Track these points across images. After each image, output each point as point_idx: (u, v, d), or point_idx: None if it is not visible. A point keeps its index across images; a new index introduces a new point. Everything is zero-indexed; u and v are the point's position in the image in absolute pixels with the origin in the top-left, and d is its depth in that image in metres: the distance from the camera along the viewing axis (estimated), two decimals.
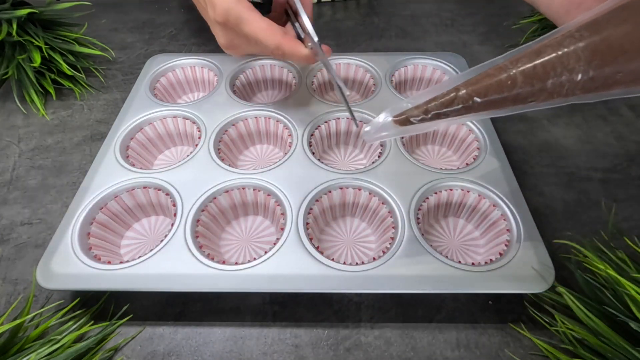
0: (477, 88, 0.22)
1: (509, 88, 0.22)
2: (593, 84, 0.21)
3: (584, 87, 0.22)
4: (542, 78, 0.21)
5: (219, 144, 0.43)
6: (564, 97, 0.22)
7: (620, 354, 0.27)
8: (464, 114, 0.23)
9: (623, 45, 0.21)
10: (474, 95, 0.22)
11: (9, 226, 0.41)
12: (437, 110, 0.23)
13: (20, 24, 0.49)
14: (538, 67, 0.21)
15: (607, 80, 0.21)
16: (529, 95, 0.22)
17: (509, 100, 0.22)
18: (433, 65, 0.51)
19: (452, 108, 0.23)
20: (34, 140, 0.49)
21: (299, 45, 0.34)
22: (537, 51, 0.22)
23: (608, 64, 0.21)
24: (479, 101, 0.22)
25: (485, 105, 0.22)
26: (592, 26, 0.21)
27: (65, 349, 0.31)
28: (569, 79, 0.21)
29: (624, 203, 0.42)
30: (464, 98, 0.22)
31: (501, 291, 0.32)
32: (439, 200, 0.39)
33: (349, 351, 0.33)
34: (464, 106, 0.22)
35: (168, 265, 0.33)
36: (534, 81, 0.21)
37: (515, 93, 0.22)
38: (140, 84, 0.49)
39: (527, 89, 0.22)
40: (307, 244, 0.34)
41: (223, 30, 0.36)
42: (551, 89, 0.22)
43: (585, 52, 0.21)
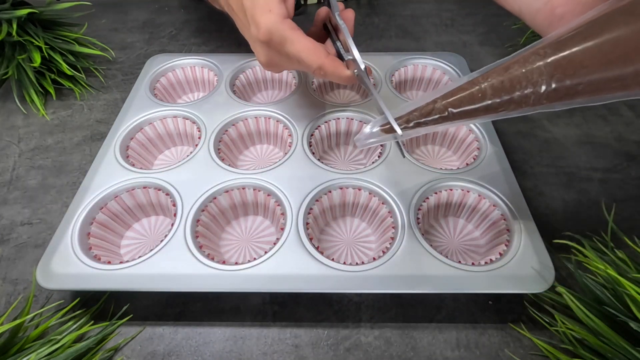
0: (451, 100, 0.25)
1: (479, 100, 0.25)
2: (557, 94, 0.24)
3: (549, 97, 0.24)
4: (509, 91, 0.24)
5: (219, 144, 0.43)
6: (531, 106, 0.25)
7: (620, 354, 0.27)
8: (441, 122, 0.26)
9: (583, 61, 0.23)
10: (448, 107, 0.25)
11: (9, 226, 0.41)
12: (417, 119, 0.26)
13: (20, 24, 0.49)
14: (505, 82, 0.24)
15: (570, 91, 0.24)
16: (498, 106, 0.25)
17: (481, 110, 0.25)
18: (433, 65, 0.51)
19: (430, 118, 0.26)
20: (34, 140, 0.49)
21: (341, 66, 0.34)
22: (506, 67, 0.25)
23: (569, 77, 0.24)
24: (453, 112, 0.25)
25: (460, 115, 0.25)
26: (555, 44, 0.24)
27: (65, 349, 0.31)
28: (533, 91, 0.24)
29: (624, 203, 0.42)
30: (440, 109, 0.26)
31: (501, 291, 0.32)
32: (439, 200, 0.39)
33: (349, 351, 0.33)
34: (440, 116, 0.26)
35: (168, 265, 0.33)
36: (502, 94, 0.24)
37: (485, 104, 0.25)
38: (140, 84, 0.49)
39: (496, 101, 0.25)
40: (307, 244, 0.34)
41: (265, 49, 0.35)
42: (518, 100, 0.24)
43: (548, 67, 0.23)
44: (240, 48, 0.62)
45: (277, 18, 0.33)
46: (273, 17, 0.33)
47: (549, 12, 0.29)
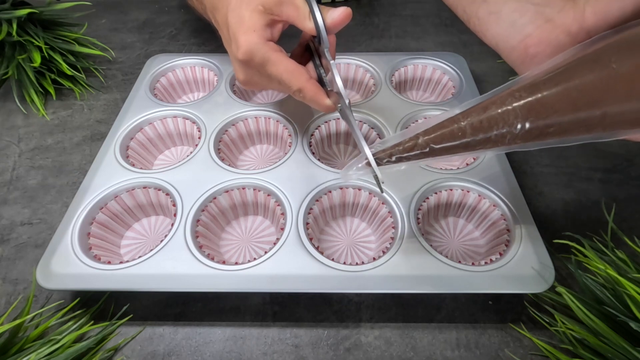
0: (433, 137, 0.27)
1: (459, 137, 0.26)
2: (530, 135, 0.25)
3: (523, 137, 0.26)
4: (486, 130, 0.26)
5: (219, 144, 0.43)
6: (506, 145, 0.26)
7: (620, 354, 0.27)
8: (423, 158, 0.27)
9: (554, 105, 0.25)
10: (430, 143, 0.27)
11: (9, 226, 0.41)
12: (399, 154, 0.27)
13: (20, 24, 0.49)
14: (484, 121, 0.26)
15: (542, 132, 0.25)
16: (476, 144, 0.26)
17: (460, 147, 0.26)
18: (433, 65, 0.51)
19: (412, 153, 0.27)
20: (34, 140, 0.49)
21: (321, 93, 0.34)
22: (484, 107, 0.26)
23: (541, 119, 0.25)
24: (434, 147, 0.27)
25: (440, 151, 0.27)
26: (530, 88, 0.25)
27: (65, 349, 0.31)
28: (509, 131, 0.25)
29: (624, 203, 0.42)
30: (422, 145, 0.27)
31: (501, 291, 0.32)
32: (439, 200, 0.39)
33: (349, 351, 0.33)
34: (422, 152, 0.27)
35: (168, 265, 0.33)
36: (480, 133, 0.26)
37: (465, 142, 0.26)
38: (140, 84, 0.49)
39: (474, 139, 0.26)
40: (307, 244, 0.34)
41: (244, 68, 0.35)
42: (495, 139, 0.26)
43: (523, 110, 0.25)
44: None
45: (259, 39, 0.33)
46: (255, 37, 0.33)
47: (523, 50, 0.31)
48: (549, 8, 0.30)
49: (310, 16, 0.32)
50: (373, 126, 0.44)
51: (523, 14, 0.31)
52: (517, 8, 0.32)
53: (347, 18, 0.33)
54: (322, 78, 0.36)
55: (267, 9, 0.33)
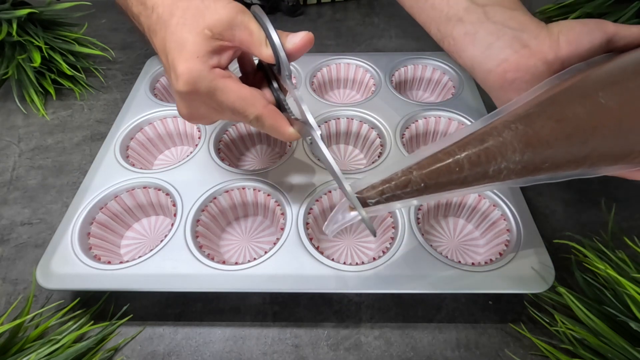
0: (428, 172, 0.24)
1: (456, 173, 0.24)
2: (525, 171, 0.25)
3: (518, 173, 0.25)
4: (484, 165, 0.24)
5: (219, 144, 0.43)
6: (501, 181, 0.25)
7: (620, 354, 0.27)
8: (416, 196, 0.25)
9: (549, 142, 0.25)
10: (425, 179, 0.24)
11: (9, 226, 0.41)
12: (391, 192, 0.25)
13: (20, 24, 0.49)
14: (482, 156, 0.24)
15: (536, 168, 0.25)
16: (473, 180, 0.25)
17: (457, 183, 0.25)
18: (433, 65, 0.51)
19: (405, 190, 0.24)
20: (34, 140, 0.49)
21: (282, 120, 0.30)
22: (480, 139, 0.25)
23: (537, 155, 0.25)
24: (430, 183, 0.24)
25: (435, 188, 0.25)
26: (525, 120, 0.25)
27: (65, 349, 0.31)
28: (506, 166, 0.25)
29: (624, 203, 0.42)
30: (417, 182, 0.24)
31: (501, 291, 0.32)
32: (439, 201, 0.39)
33: (349, 351, 0.33)
34: (416, 189, 0.24)
35: (168, 265, 0.33)
36: (478, 167, 0.24)
37: (462, 177, 0.24)
38: (140, 84, 0.49)
39: (472, 174, 0.24)
40: (307, 244, 0.34)
41: (187, 101, 0.29)
42: (492, 175, 0.25)
43: (520, 144, 0.24)
44: None
45: (203, 66, 0.27)
46: (199, 64, 0.27)
47: (501, 75, 0.31)
48: (525, 34, 0.30)
49: (266, 42, 0.28)
50: (373, 126, 0.44)
51: (499, 37, 0.31)
52: (493, 31, 0.31)
53: (309, 43, 0.29)
54: (281, 103, 0.31)
55: (216, 33, 0.28)
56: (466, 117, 0.44)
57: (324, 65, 0.51)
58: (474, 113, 0.45)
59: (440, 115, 0.45)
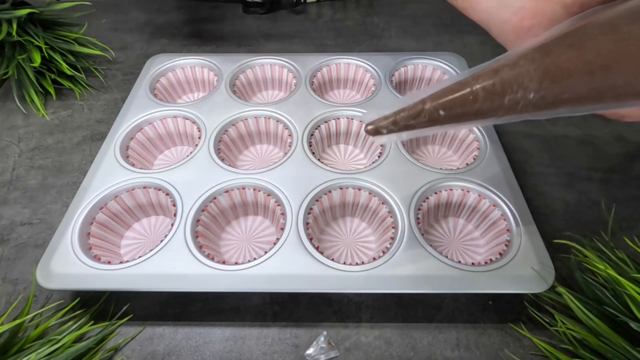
0: (442, 102, 0.24)
1: (471, 103, 0.24)
2: (543, 102, 0.24)
3: (536, 104, 0.24)
4: (500, 94, 0.24)
5: (219, 144, 0.43)
6: (518, 113, 0.24)
7: (620, 354, 0.27)
8: (429, 126, 0.25)
9: (569, 69, 0.23)
10: (439, 109, 0.24)
11: (9, 226, 0.41)
12: (404, 122, 0.25)
13: (20, 24, 0.49)
14: (497, 85, 0.24)
15: (555, 100, 0.24)
16: (488, 111, 0.24)
17: (471, 115, 0.24)
18: (433, 65, 0.51)
19: (418, 120, 0.24)
20: (34, 140, 0.49)
21: None
22: (496, 70, 0.24)
23: (556, 84, 0.23)
24: (443, 114, 0.24)
25: (449, 119, 0.24)
26: (543, 49, 0.24)
27: (65, 349, 0.31)
28: (523, 96, 0.24)
29: (624, 203, 0.42)
30: (430, 111, 0.24)
31: (501, 291, 0.32)
32: (439, 200, 0.39)
33: (349, 351, 0.33)
34: (429, 118, 0.24)
35: (168, 265, 0.33)
36: (493, 97, 0.24)
37: (477, 108, 0.24)
38: (140, 84, 0.49)
39: (487, 104, 0.24)
40: (307, 244, 0.34)
41: None
42: (508, 106, 0.24)
43: (537, 72, 0.23)
44: (240, 48, 0.63)
45: None
46: None
47: (518, 23, 0.30)
48: None
49: None
50: None
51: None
52: None
53: None
54: None
55: None
56: None
57: (324, 65, 0.51)
58: None
59: None
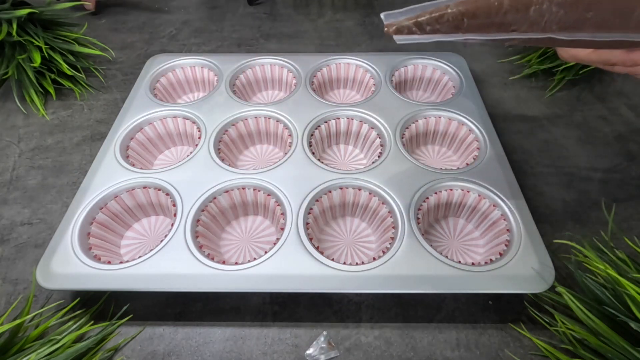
0: (467, 8, 0.24)
1: (496, 11, 0.24)
2: (567, 19, 0.24)
3: (560, 21, 0.24)
4: (527, 4, 0.23)
5: (219, 144, 0.43)
6: (541, 30, 0.24)
7: (620, 354, 0.27)
8: (452, 32, 0.24)
9: None
10: (464, 15, 0.24)
11: (9, 226, 0.41)
12: (427, 24, 0.25)
13: (20, 24, 0.49)
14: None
15: (579, 18, 0.24)
16: (512, 22, 0.24)
17: (495, 25, 0.24)
18: (433, 65, 0.51)
19: (441, 24, 0.24)
20: (34, 140, 0.49)
21: None
22: None
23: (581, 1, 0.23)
24: (467, 22, 0.24)
25: (472, 27, 0.24)
26: None
27: (65, 349, 0.31)
28: (548, 9, 0.23)
29: (624, 203, 0.42)
30: (455, 15, 0.24)
31: (501, 291, 0.32)
32: (439, 200, 0.39)
33: (349, 351, 0.33)
34: (452, 24, 0.24)
35: (168, 265, 0.33)
36: (519, 6, 0.23)
37: (501, 17, 0.24)
38: (140, 84, 0.49)
39: (512, 14, 0.24)
40: (307, 244, 0.34)
41: None
42: (532, 18, 0.24)
43: None
44: (240, 48, 0.63)
45: None
46: None
47: None
48: None
49: None
50: (373, 126, 0.44)
51: None
52: None
53: None
54: None
55: None
56: (466, 117, 0.44)
57: (324, 65, 0.51)
58: (474, 113, 0.45)
59: (440, 115, 0.45)
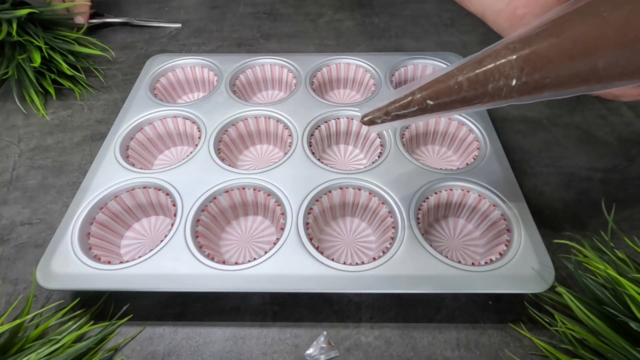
0: (429, 92, 0.26)
1: (456, 92, 0.26)
2: (526, 87, 0.25)
3: (519, 90, 0.25)
4: (483, 83, 0.25)
5: (219, 144, 0.43)
6: (503, 99, 0.26)
7: (620, 354, 0.27)
8: (419, 115, 0.27)
9: (549, 56, 0.25)
10: (427, 99, 0.26)
11: (9, 226, 0.41)
12: (396, 112, 0.27)
13: (20, 24, 0.49)
14: (480, 74, 0.25)
15: (538, 85, 0.25)
16: (473, 98, 0.26)
17: (457, 102, 0.26)
18: (433, 65, 0.51)
19: (408, 110, 0.27)
20: (34, 140, 0.49)
21: None
22: (479, 60, 0.26)
23: (537, 71, 0.25)
24: (431, 104, 0.26)
25: (437, 107, 0.26)
26: (524, 39, 0.25)
27: (65, 349, 0.31)
28: (505, 84, 0.25)
29: (624, 203, 0.42)
30: (419, 101, 0.26)
31: (501, 291, 0.32)
32: (439, 200, 0.39)
33: (349, 351, 0.33)
34: (419, 108, 0.26)
35: (168, 265, 0.33)
36: (477, 86, 0.25)
37: (462, 96, 0.26)
38: (140, 84, 0.49)
39: (471, 93, 0.26)
40: (307, 244, 0.34)
41: None
42: (492, 92, 0.26)
43: (518, 61, 0.25)
44: (240, 48, 0.63)
45: None
46: None
47: (511, 12, 0.31)
48: None
49: None
50: None
51: None
52: None
53: None
54: None
55: None
56: (466, 117, 0.44)
57: (324, 65, 0.51)
58: (473, 113, 0.45)
59: None
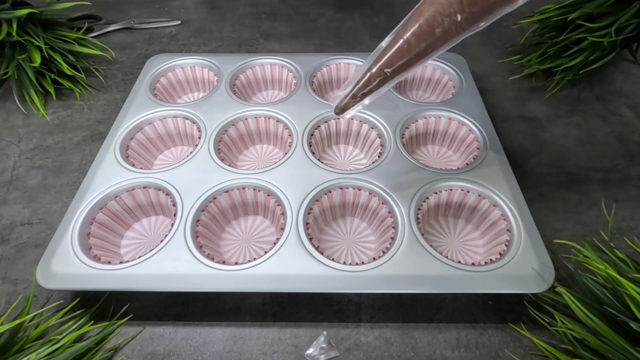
0: (384, 62, 0.27)
1: (407, 51, 0.27)
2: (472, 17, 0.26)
3: (468, 21, 0.26)
4: (430, 32, 0.26)
5: (219, 144, 0.43)
6: (456, 36, 0.27)
7: (620, 354, 0.27)
8: (383, 84, 0.28)
9: None
10: (383, 69, 0.27)
11: (9, 226, 0.41)
12: (361, 91, 0.28)
13: (20, 24, 0.49)
14: (423, 25, 0.26)
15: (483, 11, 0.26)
16: (426, 49, 0.27)
17: (413, 59, 0.27)
18: (433, 65, 0.51)
19: (372, 85, 0.28)
20: (34, 140, 0.49)
21: None
22: (419, 13, 0.26)
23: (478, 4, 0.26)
24: (389, 71, 0.27)
25: (397, 71, 0.27)
26: None
27: (65, 349, 0.31)
28: (451, 22, 0.26)
29: (624, 203, 0.42)
30: (377, 73, 0.27)
31: (501, 291, 0.32)
32: (439, 200, 0.39)
33: (349, 351, 0.33)
34: (380, 79, 0.28)
35: (168, 265, 0.33)
36: (425, 36, 0.26)
37: (415, 53, 0.27)
38: (140, 84, 0.49)
39: (422, 46, 0.26)
40: (307, 244, 0.34)
41: None
42: (442, 36, 0.26)
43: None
44: (240, 48, 0.63)
45: None
46: None
47: None
48: None
49: None
50: (373, 126, 0.44)
51: None
52: None
53: None
54: None
55: None
56: (466, 117, 0.44)
57: (324, 65, 0.51)
58: (474, 113, 0.45)
59: (440, 115, 0.45)
